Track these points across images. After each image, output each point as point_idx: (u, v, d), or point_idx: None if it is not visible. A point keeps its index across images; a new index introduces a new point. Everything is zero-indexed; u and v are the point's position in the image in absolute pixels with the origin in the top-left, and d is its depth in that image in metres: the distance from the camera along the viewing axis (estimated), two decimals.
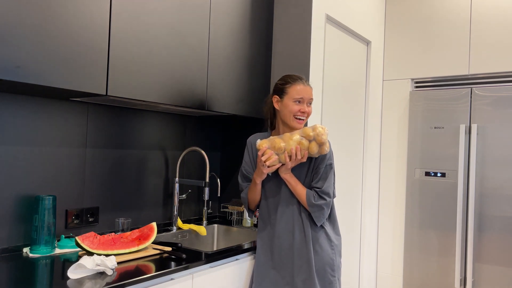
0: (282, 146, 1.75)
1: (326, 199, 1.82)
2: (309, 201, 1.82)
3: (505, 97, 2.81)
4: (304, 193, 1.83)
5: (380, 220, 3.34)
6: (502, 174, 2.80)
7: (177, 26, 1.99)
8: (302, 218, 1.86)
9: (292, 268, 1.85)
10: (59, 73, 1.53)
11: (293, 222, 1.86)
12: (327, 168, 1.86)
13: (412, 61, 3.26)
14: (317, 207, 1.82)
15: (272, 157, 1.75)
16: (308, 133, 1.76)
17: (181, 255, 1.73)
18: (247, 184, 1.99)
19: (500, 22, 2.92)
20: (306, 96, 1.84)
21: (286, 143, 1.76)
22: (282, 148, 1.75)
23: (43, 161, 1.84)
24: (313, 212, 1.82)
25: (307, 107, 1.86)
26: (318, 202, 1.81)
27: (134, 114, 2.24)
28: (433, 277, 3.02)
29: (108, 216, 2.10)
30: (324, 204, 1.82)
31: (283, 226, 1.88)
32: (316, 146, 1.76)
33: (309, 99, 1.86)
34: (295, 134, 1.77)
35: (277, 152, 1.76)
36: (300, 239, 1.85)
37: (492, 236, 2.81)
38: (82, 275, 1.45)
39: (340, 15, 2.75)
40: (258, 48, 2.52)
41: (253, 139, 2.00)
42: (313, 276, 1.81)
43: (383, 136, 3.36)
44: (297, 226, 1.86)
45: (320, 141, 1.75)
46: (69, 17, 1.56)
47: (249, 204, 1.99)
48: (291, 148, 1.75)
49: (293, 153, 1.76)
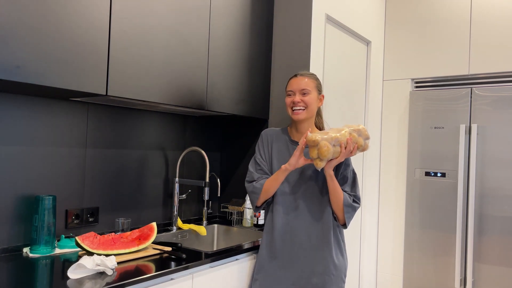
0: (337, 136, 1.68)
1: (358, 204, 1.86)
2: (346, 200, 1.82)
3: (505, 97, 2.81)
4: (342, 193, 1.82)
5: (380, 220, 3.34)
6: (502, 174, 2.80)
7: (177, 26, 1.99)
8: (324, 219, 1.84)
9: (302, 269, 1.84)
10: (59, 73, 1.53)
11: (313, 222, 1.85)
12: (352, 172, 1.89)
13: (412, 61, 3.26)
14: (351, 208, 1.83)
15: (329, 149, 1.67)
16: (355, 128, 1.75)
17: (181, 255, 1.73)
18: (259, 175, 1.91)
19: (500, 22, 2.92)
20: (296, 87, 1.86)
21: (341, 135, 1.70)
22: (338, 138, 1.68)
23: (43, 161, 1.84)
24: (347, 212, 1.82)
25: (300, 97, 1.85)
26: (354, 204, 1.84)
27: (134, 114, 2.24)
28: (433, 277, 3.02)
29: (108, 216, 2.10)
30: (357, 207, 1.85)
31: (301, 225, 1.85)
32: (362, 140, 1.76)
33: (300, 90, 1.86)
34: (343, 128, 1.74)
35: (333, 143, 1.68)
36: (318, 241, 1.84)
37: (492, 236, 2.81)
38: (82, 275, 1.45)
39: (340, 15, 2.75)
40: (258, 48, 2.52)
41: (269, 132, 1.99)
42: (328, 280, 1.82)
43: (383, 136, 3.36)
44: (316, 227, 1.84)
45: (366, 136, 1.76)
46: (69, 17, 1.56)
47: (260, 196, 1.87)
48: (347, 138, 1.70)
49: (348, 144, 1.70)
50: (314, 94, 1.88)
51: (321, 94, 1.93)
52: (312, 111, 1.88)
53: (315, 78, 1.92)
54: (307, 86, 1.86)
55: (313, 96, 1.87)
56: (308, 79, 1.88)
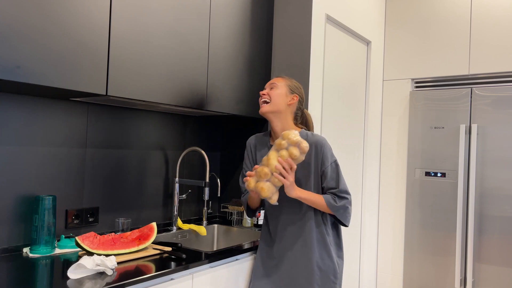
0: (267, 171, 1.64)
1: (347, 197, 1.79)
2: (331, 206, 1.77)
3: (505, 97, 2.81)
4: (323, 200, 1.77)
5: (380, 220, 3.34)
6: (502, 174, 2.80)
7: (177, 26, 1.99)
8: (303, 221, 1.83)
9: (288, 274, 1.84)
10: (59, 73, 1.53)
11: (294, 226, 1.85)
12: (333, 166, 1.81)
13: (412, 61, 3.26)
14: (341, 208, 1.77)
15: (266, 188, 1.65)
16: (280, 142, 1.67)
17: (181, 255, 1.72)
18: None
19: (500, 22, 2.92)
20: (268, 84, 1.90)
21: (269, 166, 1.65)
22: (268, 173, 1.64)
23: (43, 161, 1.84)
24: (339, 215, 1.78)
25: (267, 91, 1.87)
26: (340, 203, 1.77)
27: (134, 114, 2.24)
28: (433, 277, 3.02)
29: (108, 216, 2.10)
30: (347, 202, 1.78)
31: (284, 229, 1.87)
32: (294, 149, 1.65)
33: (269, 84, 1.89)
34: (270, 153, 1.69)
35: (266, 179, 1.65)
36: (300, 244, 1.83)
37: (492, 236, 2.81)
38: (82, 275, 1.45)
39: (340, 15, 2.75)
40: (258, 48, 2.52)
41: (251, 141, 1.99)
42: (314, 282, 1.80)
43: (383, 136, 3.36)
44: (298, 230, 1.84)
45: (293, 142, 1.65)
46: (69, 17, 1.56)
47: (247, 209, 1.99)
48: (275, 166, 1.64)
49: (280, 169, 1.63)
50: (283, 90, 1.85)
51: (292, 93, 1.86)
52: (276, 105, 1.83)
53: (291, 80, 1.90)
54: (277, 81, 1.88)
55: (280, 92, 1.84)
56: (282, 78, 1.90)
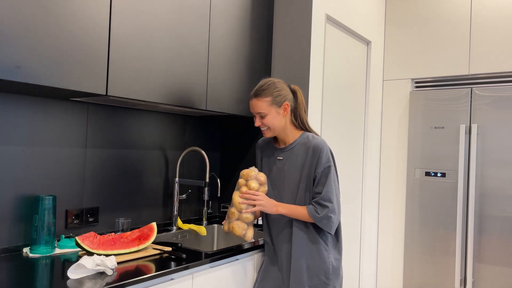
0: (233, 210, 1.82)
1: (328, 206, 1.76)
2: (314, 217, 1.77)
3: (505, 97, 2.81)
4: (306, 212, 1.78)
5: (380, 220, 3.34)
6: (502, 174, 2.80)
7: (177, 26, 1.99)
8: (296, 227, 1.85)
9: (286, 272, 1.87)
10: (59, 73, 1.53)
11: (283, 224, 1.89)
12: (325, 171, 1.79)
13: (412, 61, 3.26)
14: (324, 219, 1.77)
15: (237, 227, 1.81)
16: (240, 181, 1.85)
17: (181, 255, 1.73)
18: None
19: (500, 22, 2.92)
20: (253, 110, 1.85)
21: (234, 205, 1.82)
22: (235, 212, 1.82)
23: (43, 161, 1.84)
24: (323, 225, 1.78)
25: (260, 120, 1.84)
26: (322, 213, 1.76)
27: (134, 114, 2.24)
28: (433, 277, 3.02)
29: (108, 216, 2.10)
30: (329, 211, 1.76)
31: (277, 228, 1.91)
32: (253, 182, 1.83)
33: (257, 113, 1.84)
34: (233, 194, 1.85)
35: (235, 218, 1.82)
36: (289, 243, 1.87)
37: (492, 236, 2.81)
38: (82, 275, 1.45)
39: (340, 15, 2.75)
40: (258, 48, 2.52)
41: (259, 144, 2.04)
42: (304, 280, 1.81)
43: (383, 136, 3.36)
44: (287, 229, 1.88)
45: (251, 177, 1.83)
46: (69, 17, 1.56)
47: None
48: (238, 202, 1.80)
49: (244, 202, 1.79)
50: (272, 112, 1.81)
51: (282, 105, 1.83)
52: (277, 127, 1.84)
53: (269, 94, 1.81)
54: (261, 109, 1.81)
55: (271, 116, 1.82)
56: (260, 101, 1.81)
